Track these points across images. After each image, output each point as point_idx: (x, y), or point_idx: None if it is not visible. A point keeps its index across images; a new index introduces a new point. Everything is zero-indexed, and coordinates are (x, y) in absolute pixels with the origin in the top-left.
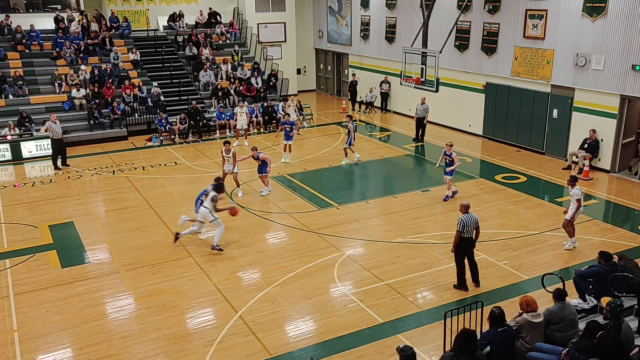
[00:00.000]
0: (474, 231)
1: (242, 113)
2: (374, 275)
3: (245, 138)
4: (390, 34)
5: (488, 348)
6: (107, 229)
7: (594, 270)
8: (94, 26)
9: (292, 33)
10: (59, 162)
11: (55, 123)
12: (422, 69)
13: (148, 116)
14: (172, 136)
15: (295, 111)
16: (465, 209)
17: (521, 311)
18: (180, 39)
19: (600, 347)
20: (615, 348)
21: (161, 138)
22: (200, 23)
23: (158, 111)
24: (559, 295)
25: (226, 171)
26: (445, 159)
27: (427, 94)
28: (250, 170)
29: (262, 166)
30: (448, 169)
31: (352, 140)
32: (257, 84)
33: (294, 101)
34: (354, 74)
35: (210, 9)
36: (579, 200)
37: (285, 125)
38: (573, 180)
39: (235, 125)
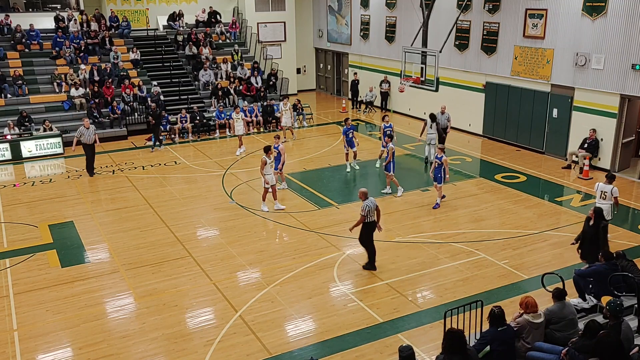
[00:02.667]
0: (375, 214)
1: (239, 119)
2: (373, 275)
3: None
4: (390, 33)
5: (488, 347)
6: (107, 229)
7: (594, 269)
8: (94, 25)
9: (292, 32)
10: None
11: (88, 128)
12: (422, 68)
13: (148, 116)
14: (172, 136)
15: (291, 114)
16: (364, 195)
17: (521, 312)
18: (180, 38)
19: (600, 347)
20: (616, 348)
21: (161, 137)
22: (200, 21)
23: (158, 111)
24: (559, 294)
25: (271, 183)
26: (436, 162)
27: (430, 95)
28: (247, 170)
29: (277, 161)
30: (438, 175)
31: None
32: (256, 83)
33: (286, 105)
34: (355, 73)
35: (210, 7)
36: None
37: (348, 132)
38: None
39: (234, 130)
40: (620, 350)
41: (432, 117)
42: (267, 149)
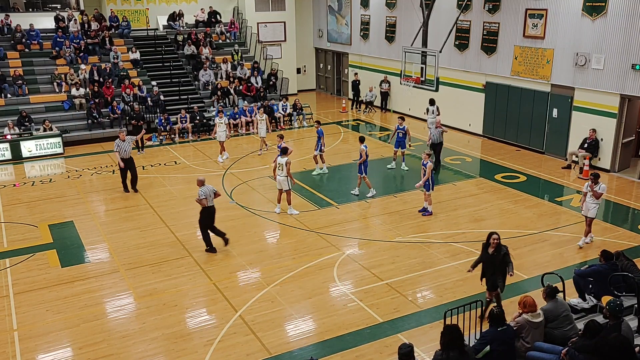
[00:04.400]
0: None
1: (222, 124)
2: (373, 275)
3: (224, 150)
4: (390, 33)
5: (488, 347)
6: (107, 229)
7: (594, 269)
8: (94, 25)
9: (292, 32)
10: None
11: (124, 141)
12: (422, 68)
13: (148, 115)
14: (172, 136)
15: (267, 125)
16: (201, 183)
17: (520, 311)
18: (180, 38)
19: (605, 348)
20: (621, 350)
21: (161, 137)
22: (200, 21)
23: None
24: (551, 292)
25: (289, 186)
26: (423, 169)
27: (430, 95)
28: (247, 170)
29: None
30: (421, 182)
31: (322, 147)
32: (256, 83)
33: (262, 115)
34: (356, 73)
35: (210, 7)
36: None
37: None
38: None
39: (215, 134)
40: (626, 353)
41: (431, 101)
42: (285, 151)
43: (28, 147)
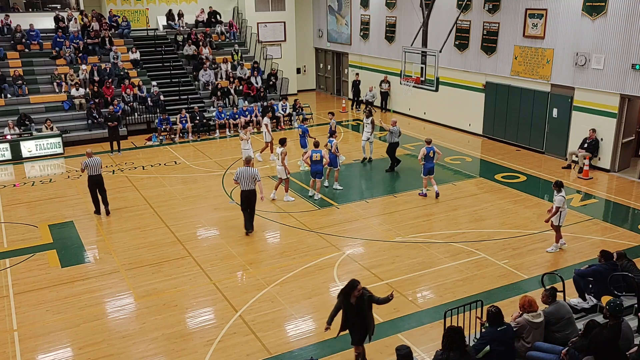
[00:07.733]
0: (100, 170)
1: (247, 141)
2: (373, 275)
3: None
4: (390, 33)
5: (487, 347)
6: (107, 229)
7: (594, 269)
8: (94, 25)
9: (292, 32)
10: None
11: (250, 166)
12: (422, 68)
13: (148, 116)
14: (172, 136)
15: (249, 141)
16: (88, 155)
17: (521, 311)
18: (180, 38)
19: (594, 344)
20: (609, 345)
21: (161, 137)
22: (200, 21)
23: (158, 110)
24: (552, 295)
25: (287, 175)
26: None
27: (430, 95)
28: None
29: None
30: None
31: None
32: (256, 83)
33: (247, 133)
34: (357, 74)
35: (210, 7)
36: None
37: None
38: (560, 186)
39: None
40: (614, 347)
41: (369, 113)
42: (282, 141)
43: (28, 147)
